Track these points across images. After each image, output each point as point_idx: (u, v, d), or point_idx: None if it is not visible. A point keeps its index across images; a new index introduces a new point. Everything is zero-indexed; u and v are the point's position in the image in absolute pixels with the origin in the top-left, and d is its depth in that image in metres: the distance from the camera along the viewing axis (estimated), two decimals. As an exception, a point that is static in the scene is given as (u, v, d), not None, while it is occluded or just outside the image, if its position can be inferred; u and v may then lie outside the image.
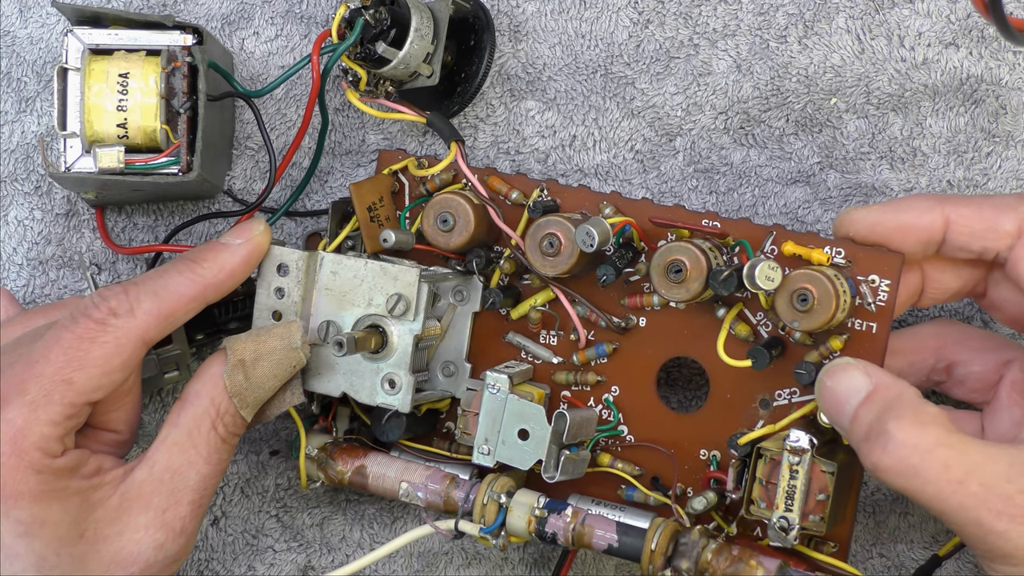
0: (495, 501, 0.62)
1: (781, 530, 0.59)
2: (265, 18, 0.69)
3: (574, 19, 0.69)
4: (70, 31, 0.63)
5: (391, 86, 0.65)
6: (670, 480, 0.64)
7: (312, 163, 0.68)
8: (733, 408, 0.63)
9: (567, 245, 0.62)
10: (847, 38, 0.68)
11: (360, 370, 0.63)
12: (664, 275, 0.61)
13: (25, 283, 0.70)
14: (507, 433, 0.62)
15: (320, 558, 0.71)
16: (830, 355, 0.61)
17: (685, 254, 0.61)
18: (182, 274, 0.61)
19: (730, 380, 0.63)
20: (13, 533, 0.58)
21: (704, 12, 0.69)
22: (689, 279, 0.61)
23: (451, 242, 0.63)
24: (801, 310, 0.60)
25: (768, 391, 0.63)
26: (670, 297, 0.61)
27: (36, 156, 0.70)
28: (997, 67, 0.68)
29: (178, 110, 0.62)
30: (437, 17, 0.64)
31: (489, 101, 0.69)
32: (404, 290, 0.62)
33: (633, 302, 0.64)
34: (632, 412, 0.65)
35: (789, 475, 0.59)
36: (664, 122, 0.69)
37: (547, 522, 0.62)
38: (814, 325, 0.60)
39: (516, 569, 0.70)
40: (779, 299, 0.60)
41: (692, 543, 0.61)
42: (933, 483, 0.54)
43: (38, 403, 0.58)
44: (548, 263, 0.62)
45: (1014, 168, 0.68)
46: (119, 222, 0.70)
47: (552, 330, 0.65)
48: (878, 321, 0.61)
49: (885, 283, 0.61)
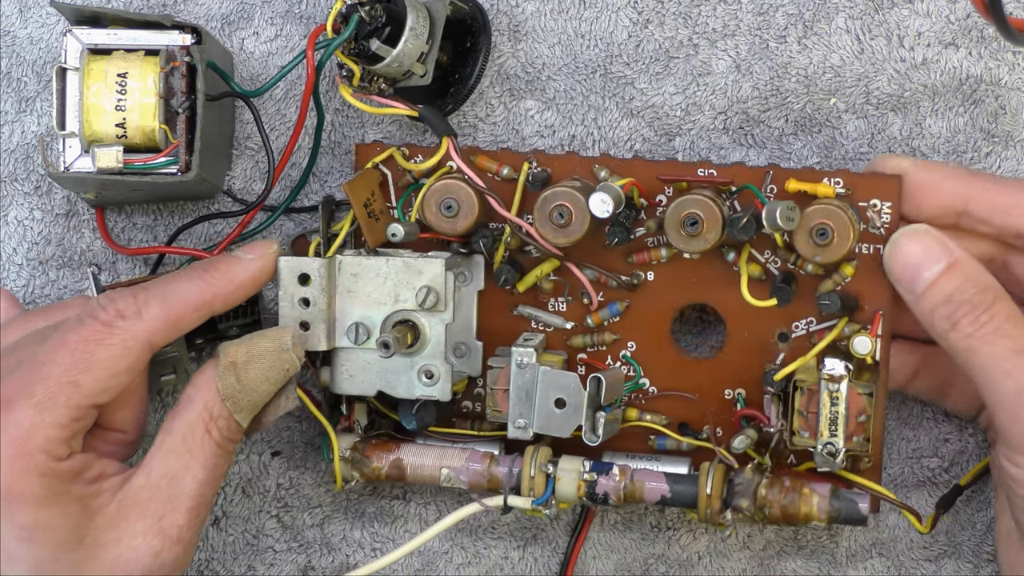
0: (543, 472, 0.64)
1: (829, 455, 0.62)
2: (265, 18, 0.69)
3: (573, 19, 0.69)
4: (69, 31, 0.63)
5: (384, 83, 0.65)
6: (698, 425, 0.66)
7: (310, 159, 0.68)
8: (752, 347, 0.65)
9: (578, 214, 0.63)
10: (847, 38, 0.68)
11: (393, 367, 0.64)
12: (679, 229, 0.62)
13: (25, 283, 0.70)
14: (543, 404, 0.63)
15: (320, 558, 0.71)
16: (843, 281, 0.63)
17: (699, 206, 0.62)
18: (191, 281, 0.61)
19: (747, 320, 0.65)
20: (14, 537, 0.58)
21: (704, 12, 0.69)
22: (706, 230, 0.62)
23: (457, 226, 0.64)
24: (821, 244, 0.61)
25: (785, 325, 0.65)
26: (688, 250, 0.63)
27: (36, 156, 0.70)
28: (997, 67, 0.68)
29: (177, 110, 0.62)
30: (434, 17, 0.64)
31: (488, 101, 0.69)
32: (432, 282, 0.63)
33: (641, 258, 0.65)
34: (651, 364, 0.66)
35: (830, 402, 0.62)
36: (663, 122, 0.69)
37: (597, 484, 0.63)
38: (835, 257, 0.62)
39: (516, 568, 0.70)
40: (798, 236, 0.62)
41: (747, 481, 0.63)
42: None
43: (44, 405, 0.58)
44: (560, 234, 0.63)
45: (1014, 168, 0.68)
46: (119, 222, 0.70)
47: (561, 297, 0.66)
48: (884, 244, 0.63)
49: (887, 205, 0.63)
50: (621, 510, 0.70)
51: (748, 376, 0.65)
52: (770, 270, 0.64)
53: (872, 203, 0.63)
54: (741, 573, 0.70)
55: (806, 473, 0.65)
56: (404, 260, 0.63)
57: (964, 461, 0.69)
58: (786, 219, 0.61)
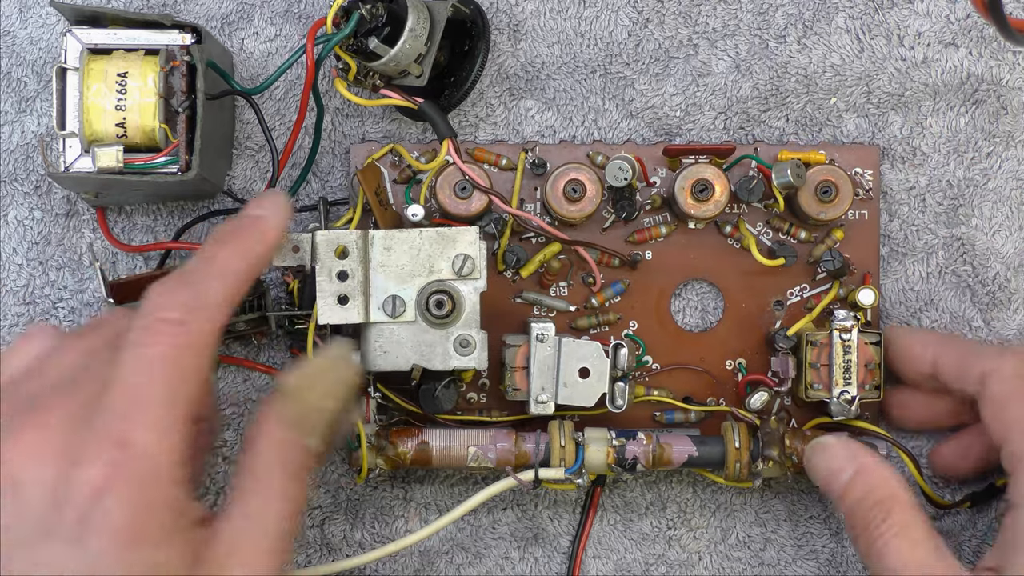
0: (573, 440, 0.65)
1: (846, 403, 0.66)
2: (265, 18, 0.69)
3: (573, 18, 0.69)
4: (69, 31, 0.63)
5: (380, 80, 0.65)
6: (701, 396, 0.69)
7: (311, 153, 0.68)
8: (750, 317, 0.69)
9: (592, 187, 0.66)
10: (846, 38, 0.68)
11: (428, 339, 0.64)
12: (690, 196, 0.66)
13: (25, 283, 0.70)
14: (567, 375, 0.65)
15: (321, 558, 0.71)
16: (835, 244, 0.68)
17: (708, 172, 0.66)
18: (232, 251, 0.58)
19: (743, 292, 0.69)
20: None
21: (703, 12, 0.69)
22: (716, 195, 0.66)
23: (471, 208, 0.66)
24: (826, 201, 0.66)
25: (780, 293, 0.68)
26: (699, 216, 0.66)
27: (36, 156, 0.70)
28: (997, 67, 0.68)
29: (177, 109, 0.62)
30: (435, 19, 0.64)
31: (488, 100, 0.69)
32: (467, 249, 0.64)
33: (641, 236, 0.68)
34: (654, 341, 0.69)
35: (843, 352, 0.66)
36: (663, 122, 0.69)
37: (626, 450, 0.65)
38: (838, 213, 0.66)
39: (516, 568, 0.70)
40: (803, 195, 0.66)
41: (773, 432, 0.65)
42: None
43: (157, 429, 0.53)
44: (575, 208, 0.66)
45: (1014, 168, 0.68)
46: (119, 222, 0.70)
47: (563, 282, 0.68)
48: (869, 208, 0.68)
49: (868, 173, 0.68)
50: (621, 510, 0.70)
51: (748, 346, 0.69)
52: (762, 241, 0.68)
53: (855, 171, 0.68)
54: (741, 573, 0.70)
55: (821, 423, 0.68)
56: (437, 231, 0.64)
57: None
58: (796, 176, 0.65)
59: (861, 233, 0.68)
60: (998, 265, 0.69)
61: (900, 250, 0.69)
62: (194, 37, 0.63)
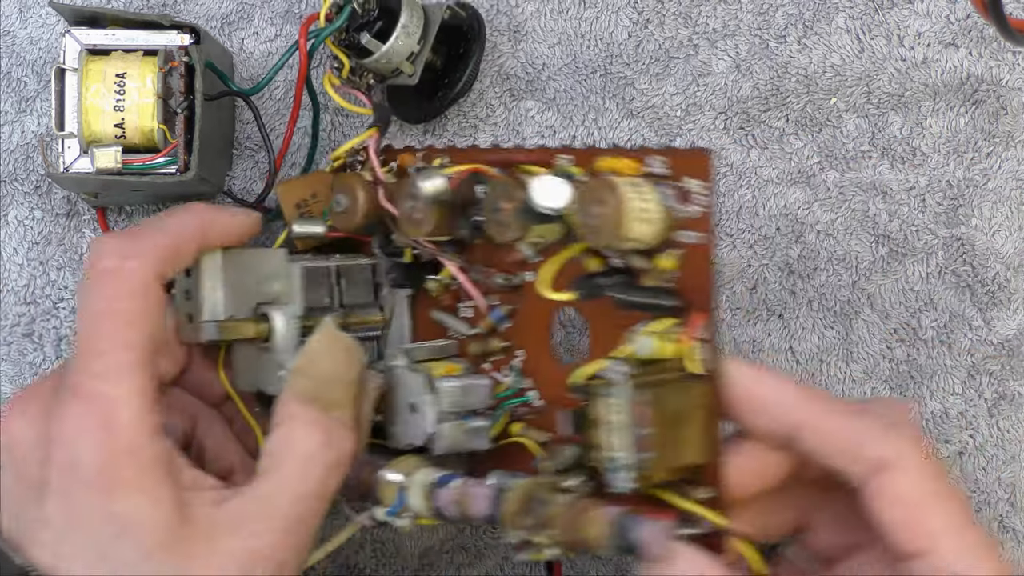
0: (395, 483, 0.58)
1: (614, 472, 0.54)
2: (265, 18, 0.70)
3: (573, 19, 0.69)
4: (68, 32, 0.63)
5: (373, 79, 0.65)
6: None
7: (310, 154, 0.68)
8: (617, 347, 0.57)
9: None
10: (847, 38, 0.68)
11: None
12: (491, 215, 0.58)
13: (26, 283, 0.70)
14: (400, 410, 0.59)
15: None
16: (666, 276, 0.57)
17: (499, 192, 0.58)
18: (186, 211, 0.59)
19: (605, 319, 0.58)
20: (107, 534, 0.53)
21: (704, 12, 0.69)
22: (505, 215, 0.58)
23: (351, 222, 0.62)
24: (592, 224, 0.55)
25: (635, 323, 0.57)
26: (501, 239, 0.58)
27: (36, 156, 0.70)
28: (997, 67, 0.68)
29: (175, 110, 0.63)
30: (430, 19, 0.65)
31: (488, 101, 0.69)
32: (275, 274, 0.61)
33: (513, 256, 0.60)
34: (538, 374, 0.60)
35: (612, 411, 0.54)
36: (664, 122, 0.69)
37: (439, 495, 0.57)
38: (606, 241, 0.55)
39: (516, 568, 0.70)
40: (576, 217, 0.56)
41: (541, 500, 0.55)
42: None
43: (113, 376, 0.54)
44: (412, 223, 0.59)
45: (1014, 168, 0.68)
46: (119, 223, 0.70)
47: (470, 302, 0.62)
48: (698, 227, 0.56)
49: (695, 183, 0.56)
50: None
51: None
52: (613, 264, 0.58)
53: (684, 183, 0.56)
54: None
55: (615, 495, 0.56)
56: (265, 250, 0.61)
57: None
58: (547, 196, 0.56)
59: (700, 262, 0.56)
60: (998, 265, 0.69)
61: (900, 250, 0.69)
62: (193, 38, 0.63)
